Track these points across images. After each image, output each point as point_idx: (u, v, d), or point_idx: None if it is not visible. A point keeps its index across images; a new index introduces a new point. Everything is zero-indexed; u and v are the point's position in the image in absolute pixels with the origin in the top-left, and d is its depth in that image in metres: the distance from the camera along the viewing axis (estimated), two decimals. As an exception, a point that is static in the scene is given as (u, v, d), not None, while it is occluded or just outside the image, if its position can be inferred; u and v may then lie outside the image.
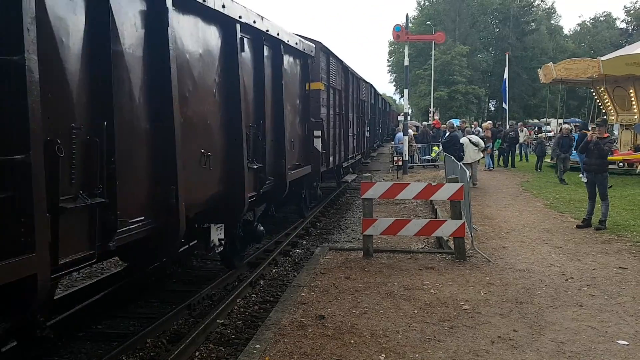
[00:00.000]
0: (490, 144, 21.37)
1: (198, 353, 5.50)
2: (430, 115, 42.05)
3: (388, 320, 5.62)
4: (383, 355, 4.79)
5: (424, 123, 38.59)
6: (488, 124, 22.47)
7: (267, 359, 4.74)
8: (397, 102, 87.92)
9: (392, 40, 61.39)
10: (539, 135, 27.56)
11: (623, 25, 64.87)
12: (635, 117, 20.02)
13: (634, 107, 20.07)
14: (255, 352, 4.87)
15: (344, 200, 16.16)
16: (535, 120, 56.12)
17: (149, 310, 6.60)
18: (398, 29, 21.01)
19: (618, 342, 5.10)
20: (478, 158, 16.56)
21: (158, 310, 6.56)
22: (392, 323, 5.55)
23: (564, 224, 10.66)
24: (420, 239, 9.98)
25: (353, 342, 5.08)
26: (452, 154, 14.78)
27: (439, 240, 9.45)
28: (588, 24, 73.21)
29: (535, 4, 66.22)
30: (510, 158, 22.87)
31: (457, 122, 22.82)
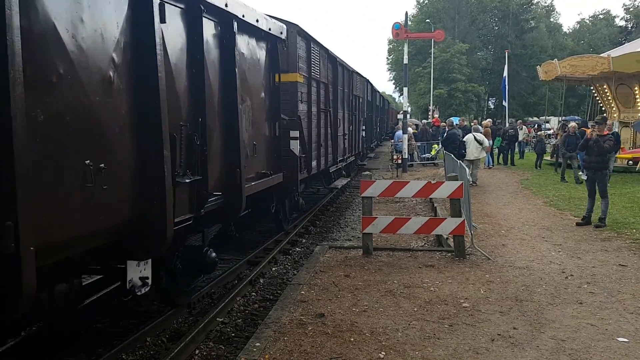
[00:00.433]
0: (490, 142, 21.35)
1: (198, 351, 5.50)
2: (430, 114, 42.06)
3: (388, 318, 5.62)
4: (383, 353, 4.79)
5: (424, 121, 38.62)
6: (488, 122, 22.44)
7: (267, 357, 4.74)
8: (396, 100, 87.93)
9: (391, 39, 61.56)
10: (539, 133, 27.50)
11: (622, 23, 64.82)
12: None
13: (639, 104, 20.12)
14: (255, 350, 4.87)
15: (344, 199, 16.16)
16: (535, 118, 56.08)
17: (149, 309, 6.60)
18: (397, 27, 20.99)
19: (618, 339, 5.10)
20: (480, 156, 16.57)
21: (158, 309, 6.56)
22: (392, 321, 5.55)
23: (564, 222, 10.66)
24: (420, 237, 9.98)
25: (353, 340, 5.08)
26: (451, 152, 14.79)
27: (439, 239, 9.45)
28: (587, 22, 73.20)
29: (535, 2, 66.20)
30: (510, 156, 22.88)
31: (456, 120, 22.84)
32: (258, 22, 7.41)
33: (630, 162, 18.82)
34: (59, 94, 3.64)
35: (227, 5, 6.13)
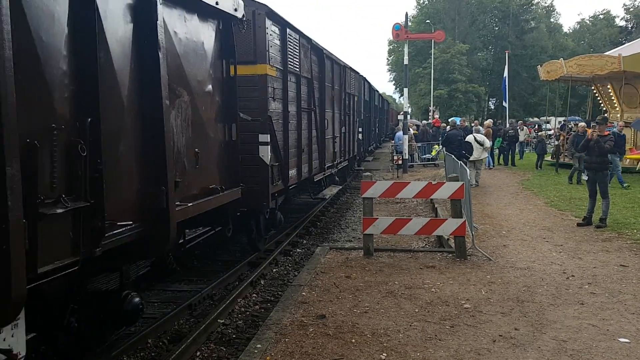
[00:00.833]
0: (490, 142, 21.33)
1: (199, 353, 5.50)
2: (430, 114, 42.05)
3: (389, 320, 5.62)
4: (384, 355, 4.79)
5: (424, 122, 38.60)
6: (489, 122, 22.44)
7: (268, 359, 4.74)
8: (396, 101, 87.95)
9: (391, 39, 61.46)
10: (540, 134, 27.49)
11: (622, 23, 64.83)
12: None
13: None
14: (257, 351, 4.86)
15: (344, 200, 16.16)
16: (536, 119, 56.08)
17: (150, 310, 6.60)
18: (397, 28, 21.01)
19: (619, 339, 5.09)
20: (482, 157, 16.56)
21: (159, 310, 6.56)
22: (393, 322, 5.54)
23: (565, 222, 10.65)
24: (421, 238, 9.98)
25: (354, 341, 5.08)
26: (451, 152, 14.82)
27: (440, 239, 9.45)
28: (587, 22, 73.10)
29: (535, 2, 66.19)
30: (511, 156, 22.87)
31: (458, 120, 22.84)
32: None
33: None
34: None
35: None
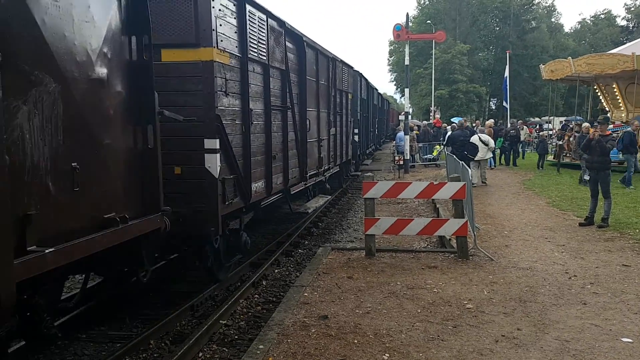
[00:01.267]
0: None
1: (201, 354, 5.50)
2: (431, 115, 42.04)
3: (391, 320, 5.61)
4: (387, 355, 4.79)
5: (424, 122, 38.57)
6: (490, 123, 22.43)
7: (270, 360, 4.74)
8: (397, 101, 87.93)
9: (392, 40, 61.40)
10: (541, 134, 27.45)
11: (624, 23, 64.77)
12: None
13: None
14: (259, 352, 4.86)
15: (346, 200, 16.16)
16: (537, 119, 56.05)
17: (152, 312, 6.60)
18: (398, 28, 21.03)
19: (622, 339, 5.08)
20: (487, 157, 16.56)
21: (161, 312, 6.56)
22: (395, 322, 5.54)
23: (567, 222, 10.64)
24: (423, 238, 9.97)
25: (356, 342, 5.07)
26: (454, 153, 14.86)
27: (442, 240, 9.44)
28: (588, 22, 73.04)
29: (536, 2, 66.18)
30: (512, 156, 22.84)
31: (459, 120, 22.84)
32: None
33: None
34: None
35: None
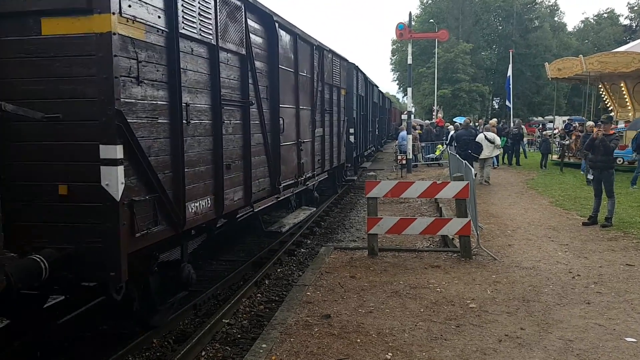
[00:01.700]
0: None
1: (204, 353, 5.50)
2: (434, 114, 41.98)
3: (394, 319, 5.60)
4: (390, 354, 4.78)
5: (427, 121, 38.51)
6: (493, 122, 22.37)
7: (273, 359, 4.73)
8: (400, 100, 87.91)
9: (395, 39, 61.44)
10: (544, 133, 27.37)
11: (627, 22, 64.70)
12: None
13: None
14: (262, 351, 4.86)
15: (348, 200, 16.15)
16: (540, 118, 55.96)
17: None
18: (401, 27, 20.98)
19: (626, 339, 5.07)
20: (492, 155, 16.55)
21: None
22: (398, 322, 5.53)
23: (570, 222, 10.61)
24: (426, 238, 9.96)
25: (359, 341, 5.07)
26: (458, 151, 14.90)
27: (445, 239, 9.43)
28: (591, 21, 72.97)
29: (539, 1, 66.14)
30: (515, 156, 22.79)
31: (461, 120, 22.82)
32: None
33: None
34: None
35: None
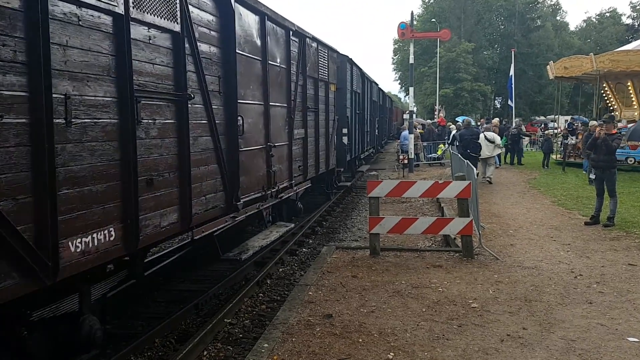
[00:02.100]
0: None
1: (206, 352, 5.51)
2: (436, 113, 41.95)
3: (396, 319, 5.60)
4: (392, 354, 4.78)
5: (428, 121, 38.50)
6: (495, 121, 22.34)
7: (275, 358, 4.74)
8: (402, 100, 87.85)
9: (397, 38, 61.43)
10: (546, 132, 27.33)
11: (629, 21, 64.57)
12: None
13: None
14: (264, 351, 4.86)
15: (350, 199, 16.14)
16: (542, 117, 55.89)
17: (157, 310, 6.61)
18: (403, 27, 20.99)
19: (628, 339, 5.06)
20: (492, 155, 16.52)
21: (166, 310, 6.57)
22: (400, 322, 5.53)
23: (572, 221, 10.60)
24: (427, 237, 9.95)
25: (361, 340, 5.07)
26: (459, 151, 14.89)
27: (446, 239, 9.42)
28: (594, 20, 72.78)
29: (541, 1, 66.00)
30: (517, 155, 22.77)
31: (461, 119, 22.80)
32: None
33: None
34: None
35: None
